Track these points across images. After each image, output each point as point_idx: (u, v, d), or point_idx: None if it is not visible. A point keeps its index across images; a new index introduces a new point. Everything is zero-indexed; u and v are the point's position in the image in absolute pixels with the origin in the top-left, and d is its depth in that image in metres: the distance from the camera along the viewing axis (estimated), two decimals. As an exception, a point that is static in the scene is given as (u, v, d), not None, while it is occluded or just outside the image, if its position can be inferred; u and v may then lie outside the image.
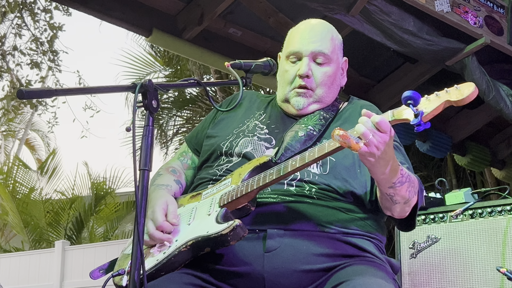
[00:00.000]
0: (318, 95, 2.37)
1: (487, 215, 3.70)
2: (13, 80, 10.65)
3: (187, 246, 2.09)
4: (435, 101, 1.89)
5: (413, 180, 2.12)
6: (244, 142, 2.35)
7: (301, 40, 2.39)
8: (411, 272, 3.85)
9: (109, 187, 15.63)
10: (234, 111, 2.48)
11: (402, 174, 2.05)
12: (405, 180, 2.07)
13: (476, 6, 5.04)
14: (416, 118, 1.86)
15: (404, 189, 2.07)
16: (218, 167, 2.34)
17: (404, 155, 2.32)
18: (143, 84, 1.92)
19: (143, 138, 1.91)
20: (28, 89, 1.78)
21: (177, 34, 5.26)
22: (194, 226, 2.16)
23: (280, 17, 5.28)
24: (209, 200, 2.22)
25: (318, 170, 2.20)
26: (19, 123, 18.60)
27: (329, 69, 2.38)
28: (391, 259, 2.29)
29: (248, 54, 5.39)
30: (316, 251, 2.10)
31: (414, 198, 2.14)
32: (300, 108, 2.37)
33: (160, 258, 2.12)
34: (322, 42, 2.37)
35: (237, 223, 2.02)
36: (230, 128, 2.44)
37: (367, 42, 5.21)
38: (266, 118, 2.44)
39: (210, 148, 2.42)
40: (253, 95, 2.61)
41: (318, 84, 2.36)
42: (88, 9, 4.99)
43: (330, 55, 2.37)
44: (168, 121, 12.38)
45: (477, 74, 5.16)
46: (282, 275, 2.07)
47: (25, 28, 10.21)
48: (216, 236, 2.03)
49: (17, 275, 12.44)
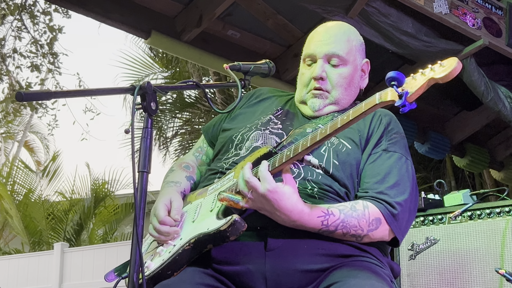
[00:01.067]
0: (334, 97, 2.36)
1: (486, 216, 3.70)
2: (13, 82, 10.65)
3: (190, 244, 2.10)
4: (420, 79, 1.86)
5: (353, 223, 2.09)
6: (255, 135, 2.35)
7: (316, 42, 2.40)
8: (410, 273, 3.86)
9: (108, 190, 15.63)
10: (252, 106, 2.50)
11: (325, 224, 2.06)
12: (334, 229, 2.08)
13: (474, 7, 5.05)
14: (401, 99, 1.84)
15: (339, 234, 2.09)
16: (226, 160, 2.35)
17: (402, 147, 2.30)
18: (142, 86, 1.92)
19: (142, 140, 1.91)
20: (27, 92, 1.78)
21: (175, 36, 5.26)
22: (197, 223, 2.17)
23: (279, 19, 5.28)
24: (213, 195, 2.23)
25: (321, 171, 2.20)
26: (18, 125, 18.60)
27: (345, 71, 2.37)
28: (393, 262, 2.29)
29: (247, 56, 5.39)
30: (317, 251, 2.10)
31: (371, 234, 2.13)
32: (316, 109, 2.36)
33: (166, 258, 2.13)
34: (336, 44, 2.37)
35: (235, 218, 2.03)
36: (245, 122, 2.44)
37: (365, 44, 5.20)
38: (283, 114, 2.44)
39: (223, 141, 2.43)
40: (272, 92, 2.60)
41: (333, 85, 2.35)
42: (87, 11, 4.98)
43: (345, 57, 2.36)
44: (167, 123, 12.38)
45: (476, 76, 5.17)
46: (283, 274, 2.07)
47: (25, 30, 10.22)
48: (215, 232, 2.04)
49: (16, 277, 12.44)
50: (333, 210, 2.08)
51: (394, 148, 2.27)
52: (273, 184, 2.01)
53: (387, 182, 2.19)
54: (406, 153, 2.29)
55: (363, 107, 1.95)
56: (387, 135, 2.29)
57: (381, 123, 2.32)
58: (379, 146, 2.27)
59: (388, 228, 2.15)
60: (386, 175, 2.21)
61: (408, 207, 2.20)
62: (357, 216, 2.10)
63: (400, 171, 2.23)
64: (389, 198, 2.16)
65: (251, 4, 5.18)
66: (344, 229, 2.08)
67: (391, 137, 2.29)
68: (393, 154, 2.25)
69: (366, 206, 2.13)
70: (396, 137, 2.30)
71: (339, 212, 2.09)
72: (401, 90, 1.84)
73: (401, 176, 2.22)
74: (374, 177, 2.21)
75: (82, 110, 12.40)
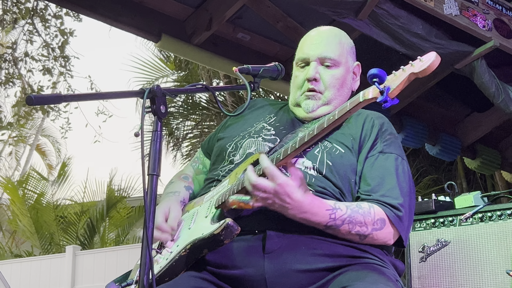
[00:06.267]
0: (327, 97, 2.38)
1: (497, 218, 3.69)
2: (25, 86, 10.70)
3: (186, 250, 2.13)
4: (400, 75, 1.95)
5: (359, 219, 2.11)
6: (249, 143, 2.37)
7: (309, 45, 2.43)
8: (421, 275, 3.85)
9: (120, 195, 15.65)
10: (244, 116, 2.50)
11: (332, 218, 2.08)
12: (340, 223, 2.09)
13: (485, 9, 5.03)
14: (382, 95, 1.90)
15: (344, 229, 2.10)
16: (222, 168, 2.37)
17: (398, 148, 2.32)
18: (151, 89, 1.93)
19: (151, 143, 1.92)
20: (37, 95, 1.78)
21: (186, 39, 5.28)
22: (193, 229, 2.20)
23: (289, 22, 5.28)
24: (208, 202, 2.26)
25: (315, 172, 2.21)
26: (30, 128, 18.69)
27: (338, 72, 2.40)
28: (396, 260, 2.29)
29: (257, 58, 5.41)
30: (316, 251, 2.11)
31: (375, 234, 2.14)
32: (309, 110, 2.38)
33: (163, 265, 2.16)
34: (328, 47, 2.40)
35: (228, 222, 2.05)
36: (238, 130, 2.46)
37: (375, 46, 5.20)
38: (276, 121, 2.45)
39: (217, 150, 2.46)
40: (265, 101, 2.63)
41: (326, 86, 2.38)
42: (98, 15, 5.02)
43: (337, 59, 2.39)
44: (177, 126, 12.40)
45: (486, 77, 5.15)
46: (283, 276, 2.08)
47: (36, 34, 10.27)
48: (210, 236, 2.07)
49: (28, 280, 12.48)
50: (340, 205, 2.11)
51: (390, 149, 2.29)
52: (283, 178, 2.02)
53: (388, 184, 2.22)
54: (401, 153, 2.32)
55: (348, 106, 2.05)
56: (382, 136, 2.32)
57: (374, 125, 2.34)
58: (375, 149, 2.29)
59: (392, 231, 2.17)
60: (386, 177, 2.23)
61: (408, 207, 2.22)
62: (363, 213, 2.12)
63: (398, 172, 2.26)
64: (392, 200, 2.18)
65: (261, 7, 5.19)
66: (350, 224, 2.09)
67: (386, 139, 2.32)
68: (390, 155, 2.28)
69: (372, 206, 2.16)
70: (390, 138, 2.32)
71: (346, 208, 2.11)
72: (382, 86, 1.91)
73: (400, 177, 2.25)
74: (374, 180, 2.22)
75: (95, 112, 12.44)
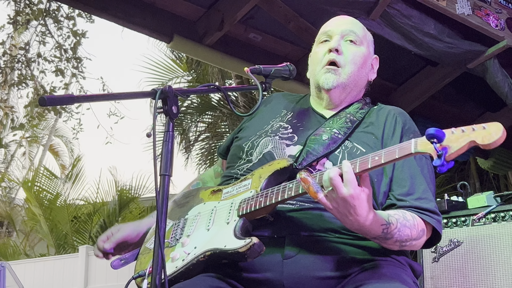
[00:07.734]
0: (347, 74, 2.36)
1: (510, 218, 3.67)
2: (37, 87, 10.75)
3: (205, 256, 2.09)
4: (461, 138, 1.76)
5: (406, 233, 2.09)
6: (265, 141, 2.34)
7: (333, 24, 2.46)
8: (434, 276, 3.84)
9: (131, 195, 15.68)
10: (260, 113, 2.49)
11: (384, 232, 2.04)
12: (390, 237, 2.06)
13: (497, 8, 5.01)
14: (439, 158, 1.75)
15: (391, 242, 2.08)
16: (239, 167, 2.35)
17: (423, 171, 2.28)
18: (163, 90, 1.92)
19: (163, 143, 1.92)
20: (50, 96, 1.79)
21: (197, 39, 5.29)
22: (213, 234, 2.15)
23: (300, 22, 5.28)
24: (228, 202, 2.22)
25: None
26: (43, 129, 18.78)
27: (360, 50, 2.40)
28: (413, 262, 2.27)
29: (268, 58, 5.41)
30: (335, 258, 2.10)
31: (414, 243, 2.14)
32: (329, 86, 2.35)
33: (179, 266, 2.13)
34: (353, 26, 2.43)
35: (254, 242, 1.99)
36: (254, 129, 2.45)
37: (387, 46, 5.19)
38: (293, 116, 2.43)
39: (234, 150, 2.45)
40: (280, 96, 2.61)
41: (347, 61, 2.36)
42: (110, 16, 5.04)
43: (361, 37, 2.41)
44: (190, 126, 12.41)
45: (499, 77, 5.13)
46: (301, 282, 2.07)
47: (49, 35, 10.32)
48: (233, 252, 2.02)
49: (42, 280, 12.54)
50: (391, 219, 2.06)
51: None
52: (358, 190, 1.91)
53: (420, 185, 2.21)
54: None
55: (397, 153, 1.89)
56: (406, 134, 2.29)
57: (397, 122, 2.33)
58: None
59: (425, 239, 2.17)
60: (416, 179, 2.22)
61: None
62: (410, 226, 2.10)
63: (424, 172, 2.25)
64: (427, 204, 2.18)
65: (272, 7, 5.19)
66: (397, 238, 2.07)
67: (410, 138, 2.29)
68: None
69: (414, 217, 2.14)
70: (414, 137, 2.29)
71: (396, 221, 2.07)
72: (440, 148, 1.75)
73: (426, 177, 2.24)
74: (406, 182, 2.20)
75: (106, 114, 12.50)
